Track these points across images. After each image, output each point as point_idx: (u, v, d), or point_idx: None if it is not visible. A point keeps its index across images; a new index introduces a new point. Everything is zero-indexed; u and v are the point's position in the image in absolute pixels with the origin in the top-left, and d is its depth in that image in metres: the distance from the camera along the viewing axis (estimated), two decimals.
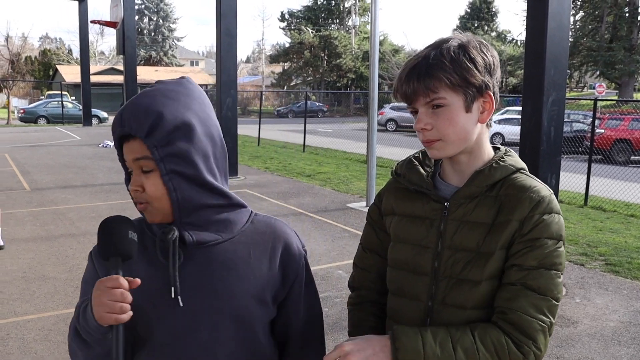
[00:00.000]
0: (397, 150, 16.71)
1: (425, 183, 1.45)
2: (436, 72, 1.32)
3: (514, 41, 53.52)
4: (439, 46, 1.36)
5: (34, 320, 4.91)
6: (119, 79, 47.54)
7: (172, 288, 1.29)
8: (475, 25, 57.74)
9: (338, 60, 52.80)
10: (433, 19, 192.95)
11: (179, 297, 1.29)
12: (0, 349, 4.39)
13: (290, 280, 1.42)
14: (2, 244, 6.85)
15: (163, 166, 1.27)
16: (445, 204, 1.41)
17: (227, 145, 6.32)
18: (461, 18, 60.31)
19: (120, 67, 54.10)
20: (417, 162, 1.50)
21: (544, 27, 5.55)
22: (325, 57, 54.53)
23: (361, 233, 1.63)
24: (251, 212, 1.44)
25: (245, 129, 22.79)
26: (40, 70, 59.76)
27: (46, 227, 7.88)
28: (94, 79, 25.96)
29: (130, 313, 1.19)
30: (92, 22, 22.01)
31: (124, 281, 1.19)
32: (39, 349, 4.40)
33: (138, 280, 1.21)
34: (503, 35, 58.43)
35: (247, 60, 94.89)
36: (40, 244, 7.09)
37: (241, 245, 1.36)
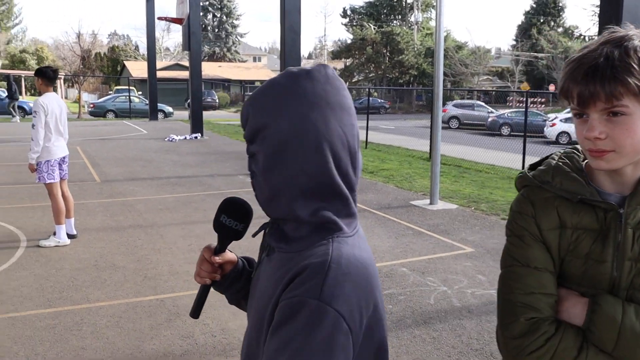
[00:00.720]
0: (460, 148, 16.52)
1: (588, 191, 1.31)
2: (623, 76, 1.18)
3: (582, 37, 52.07)
4: (620, 44, 1.21)
5: (105, 307, 5.08)
6: (184, 74, 48.44)
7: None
8: (541, 20, 56.47)
9: (400, 57, 52.44)
10: (497, 14, 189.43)
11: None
12: (75, 333, 4.56)
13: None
14: (75, 233, 7.10)
15: None
16: (620, 210, 1.28)
17: None
18: (526, 13, 59.09)
19: (185, 63, 55.12)
20: (568, 169, 1.36)
21: (619, 23, 5.40)
22: (387, 54, 54.26)
23: (425, 230, 1.57)
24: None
25: None
26: (109, 66, 61.48)
27: (115, 218, 8.13)
28: (159, 74, 26.54)
29: (208, 281, 1.40)
30: (159, 18, 22.50)
31: (209, 257, 1.39)
32: (110, 334, 4.55)
33: (217, 259, 1.40)
34: (570, 31, 56.97)
35: (309, 57, 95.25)
36: (110, 234, 7.32)
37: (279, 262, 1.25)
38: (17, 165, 12.77)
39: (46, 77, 6.74)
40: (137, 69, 52.19)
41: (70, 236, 6.97)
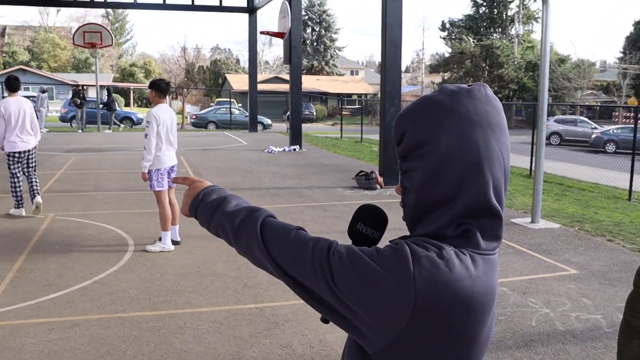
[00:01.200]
0: (562, 165, 15.95)
1: None
2: None
3: None
4: None
5: (207, 312, 5.24)
6: (282, 87, 49.31)
7: None
8: None
9: (500, 71, 51.29)
10: (603, 25, 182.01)
11: None
12: (178, 336, 4.73)
13: None
14: (179, 239, 7.37)
15: None
16: None
17: (389, 155, 6.51)
18: (636, 24, 56.42)
19: (284, 76, 56.13)
20: None
21: None
22: (487, 67, 53.21)
23: (526, 250, 1.53)
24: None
25: None
26: (211, 79, 63.49)
27: None
28: (259, 87, 27.10)
29: None
30: (261, 33, 23.02)
31: None
32: (211, 340, 4.68)
33: None
34: None
35: (406, 70, 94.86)
36: (212, 241, 7.53)
37: None
38: (125, 173, 13.40)
39: (159, 89, 7.05)
40: (238, 81, 53.58)
41: (174, 242, 7.24)
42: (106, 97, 27.19)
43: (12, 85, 8.81)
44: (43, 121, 25.46)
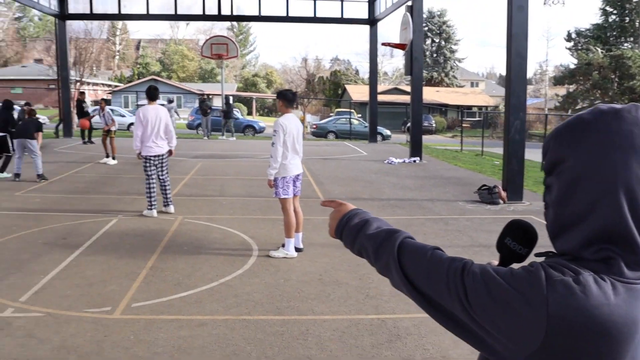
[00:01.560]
0: None
1: None
2: None
3: None
4: None
5: (329, 320, 5.27)
6: (402, 98, 49.13)
7: None
8: None
9: (631, 83, 48.55)
10: None
11: None
12: (301, 342, 4.78)
13: None
14: (302, 247, 7.48)
15: None
16: None
17: (513, 169, 6.25)
18: None
19: (403, 88, 55.95)
20: None
21: None
22: (616, 79, 50.57)
23: None
24: None
25: (528, 152, 21.99)
26: (331, 89, 64.32)
27: None
28: (378, 98, 27.12)
29: None
30: (382, 44, 23.10)
31: None
32: (334, 348, 4.70)
33: None
34: None
35: (529, 82, 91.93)
36: (334, 250, 7.59)
37: None
38: (249, 179, 13.79)
39: (286, 98, 7.22)
40: (357, 92, 53.97)
41: (297, 249, 7.35)
42: (224, 105, 27.75)
43: (152, 94, 9.50)
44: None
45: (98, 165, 15.76)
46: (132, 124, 33.44)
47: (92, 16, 27.03)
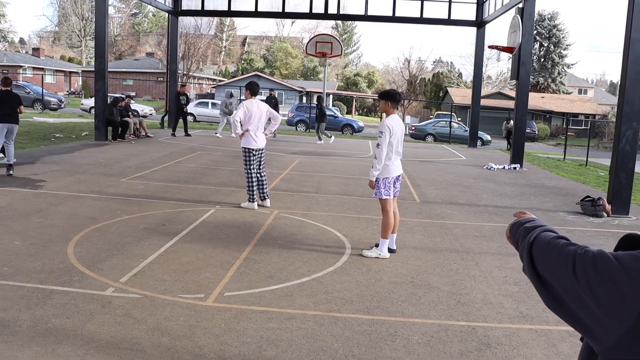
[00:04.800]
0: None
1: None
2: None
3: None
4: None
5: (418, 324, 5.18)
6: (504, 103, 47.95)
7: None
8: None
9: None
10: None
11: None
12: (389, 343, 4.73)
13: None
14: (395, 248, 7.41)
15: None
16: None
17: (621, 182, 5.92)
18: None
19: (507, 92, 54.57)
20: None
21: None
22: None
23: None
24: None
25: (638, 165, 20.91)
26: (432, 92, 63.60)
27: (432, 239, 8.29)
28: (480, 102, 26.49)
29: None
30: (489, 47, 22.56)
31: None
32: (421, 352, 4.62)
33: None
34: None
35: None
36: (426, 253, 7.48)
37: None
38: (345, 178, 13.82)
39: (395, 99, 7.17)
40: (459, 95, 53.08)
41: (390, 250, 7.29)
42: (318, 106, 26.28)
43: (254, 89, 9.80)
44: (221, 124, 24.98)
45: (198, 157, 16.25)
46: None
47: (203, 12, 27.93)
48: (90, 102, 37.43)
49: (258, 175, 9.78)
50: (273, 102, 24.28)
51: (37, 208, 8.90)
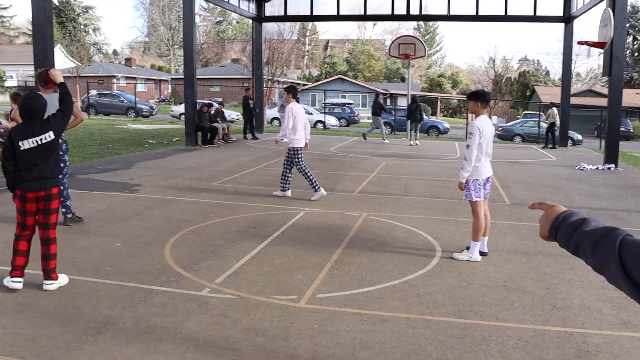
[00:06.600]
0: None
1: None
2: None
3: None
4: None
5: (512, 328, 5.09)
6: (595, 101, 46.16)
7: None
8: None
9: None
10: None
11: None
12: (483, 348, 4.67)
13: None
14: (486, 251, 7.29)
15: None
16: None
17: None
18: None
19: (598, 90, 52.55)
20: None
21: None
22: None
23: None
24: None
25: None
26: (518, 91, 62.07)
27: (524, 242, 8.11)
28: (570, 100, 25.59)
29: None
30: (579, 43, 21.80)
31: None
32: (517, 357, 4.53)
33: None
34: None
35: None
36: (519, 256, 7.33)
37: None
38: (433, 180, 13.70)
39: (485, 100, 7.08)
40: (547, 94, 51.53)
41: (481, 253, 7.18)
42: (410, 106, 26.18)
43: (296, 93, 10.92)
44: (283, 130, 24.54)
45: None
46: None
47: (286, 18, 28.36)
48: (179, 108, 38.70)
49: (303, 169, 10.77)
50: (378, 106, 24.86)
51: (135, 211, 9.30)
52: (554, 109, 23.88)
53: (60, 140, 7.96)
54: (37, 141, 5.55)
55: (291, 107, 10.66)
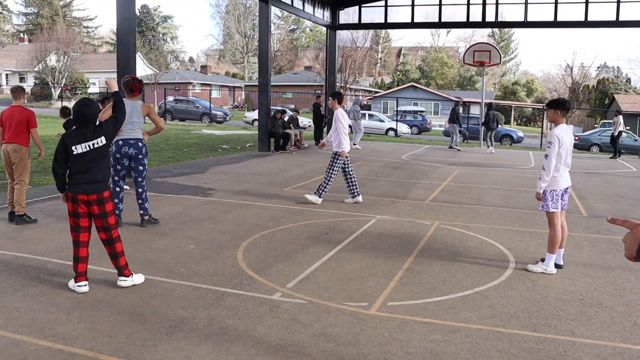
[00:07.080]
0: None
1: None
2: None
3: None
4: None
5: (589, 345, 4.94)
6: None
7: None
8: None
9: None
10: None
11: None
12: None
13: None
14: (562, 263, 7.10)
15: None
16: None
17: None
18: None
19: None
20: None
21: None
22: None
23: None
24: None
25: None
26: (596, 99, 60.15)
27: (602, 255, 7.86)
28: None
29: None
30: None
31: None
32: None
33: None
34: None
35: None
36: (596, 270, 7.10)
37: None
38: (507, 190, 13.45)
39: (565, 108, 6.92)
40: (627, 102, 49.73)
41: (557, 266, 7.00)
42: (484, 116, 26.01)
43: (342, 98, 11.16)
44: (358, 133, 24.32)
45: (357, 167, 16.51)
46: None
47: (360, 26, 28.45)
48: (252, 114, 39.34)
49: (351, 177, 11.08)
50: (455, 114, 25.08)
51: (209, 215, 9.51)
52: (620, 117, 23.13)
53: (140, 144, 8.29)
54: (89, 146, 5.76)
55: (341, 113, 10.83)
